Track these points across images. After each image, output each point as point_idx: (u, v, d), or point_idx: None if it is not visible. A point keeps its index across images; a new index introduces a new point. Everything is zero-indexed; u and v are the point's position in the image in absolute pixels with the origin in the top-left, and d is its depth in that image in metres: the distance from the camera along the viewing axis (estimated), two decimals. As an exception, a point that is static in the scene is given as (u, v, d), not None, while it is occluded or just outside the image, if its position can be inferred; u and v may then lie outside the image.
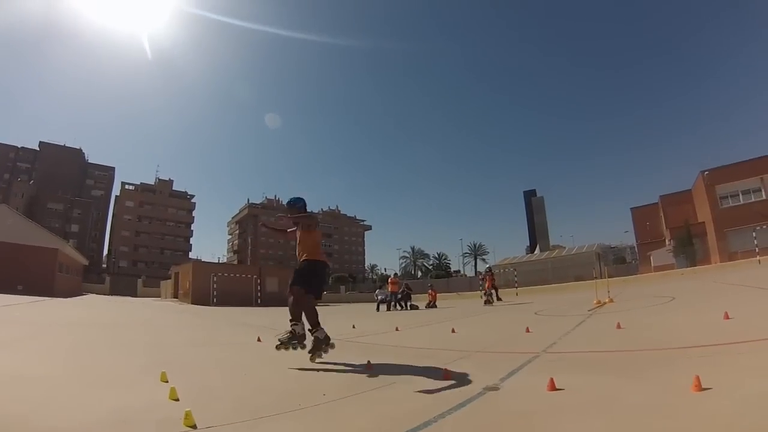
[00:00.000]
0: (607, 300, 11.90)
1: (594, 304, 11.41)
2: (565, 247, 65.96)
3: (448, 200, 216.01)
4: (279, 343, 5.22)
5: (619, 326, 6.08)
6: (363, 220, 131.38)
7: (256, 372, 4.92)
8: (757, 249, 29.22)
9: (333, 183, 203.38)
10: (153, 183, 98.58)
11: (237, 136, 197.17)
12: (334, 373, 4.51)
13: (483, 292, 21.74)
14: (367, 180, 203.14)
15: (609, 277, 20.66)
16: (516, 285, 34.36)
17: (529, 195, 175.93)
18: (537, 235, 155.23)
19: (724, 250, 38.09)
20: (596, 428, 2.32)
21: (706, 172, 41.12)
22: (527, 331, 6.99)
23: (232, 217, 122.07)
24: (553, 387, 3.01)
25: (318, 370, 4.67)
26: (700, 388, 2.60)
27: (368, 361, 4.61)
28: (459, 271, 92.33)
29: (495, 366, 3.28)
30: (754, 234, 30.62)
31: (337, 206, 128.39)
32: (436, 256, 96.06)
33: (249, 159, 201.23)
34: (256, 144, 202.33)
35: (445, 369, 3.80)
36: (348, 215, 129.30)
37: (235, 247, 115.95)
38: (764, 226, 33.57)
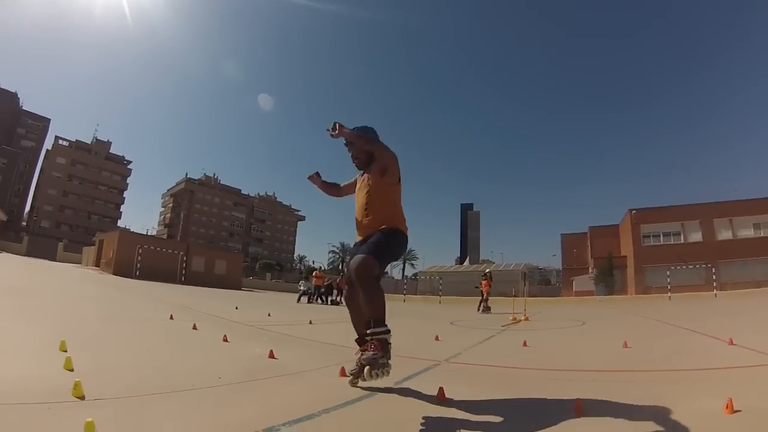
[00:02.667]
0: (523, 318, 12.08)
1: (510, 321, 11.61)
2: (494, 263, 67.90)
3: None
4: (369, 368, 3.01)
5: (525, 344, 6.15)
6: (298, 210, 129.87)
7: (158, 350, 4.79)
8: (669, 286, 31.67)
9: (275, 171, 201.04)
10: (89, 142, 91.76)
11: (185, 109, 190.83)
12: (236, 358, 4.46)
13: (481, 298, 18.16)
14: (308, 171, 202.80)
15: (531, 297, 21.17)
16: (440, 293, 36.06)
17: (466, 208, 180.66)
18: (469, 248, 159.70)
19: (641, 284, 41.12)
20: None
21: (633, 211, 44.34)
22: (436, 339, 7.01)
23: (168, 190, 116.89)
24: (442, 396, 2.97)
25: (221, 354, 4.66)
26: (581, 412, 2.61)
27: (271, 350, 4.54)
28: (387, 273, 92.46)
29: (394, 369, 3.28)
30: (668, 273, 33.04)
31: (274, 193, 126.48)
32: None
33: (194, 134, 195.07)
34: (204, 120, 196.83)
35: (343, 367, 3.74)
36: (284, 203, 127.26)
37: (167, 221, 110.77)
38: (678, 267, 36.37)
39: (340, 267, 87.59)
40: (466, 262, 74.93)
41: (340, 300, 23.31)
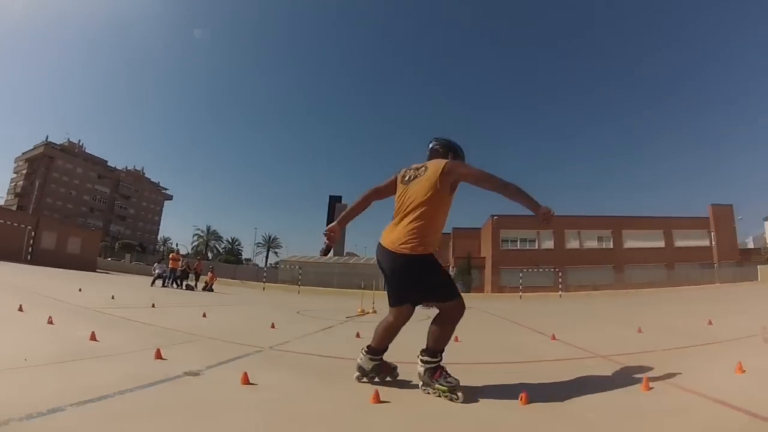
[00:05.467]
0: (370, 310, 12.07)
1: (357, 312, 11.62)
2: (356, 256, 69.55)
3: (259, 189, 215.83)
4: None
5: (358, 335, 5.98)
6: (166, 189, 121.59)
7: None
8: (521, 286, 35.98)
9: (147, 143, 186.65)
10: None
11: (52, 61, 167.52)
12: (54, 341, 4.25)
13: None
14: (183, 149, 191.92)
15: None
16: (299, 283, 35.74)
17: (334, 201, 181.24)
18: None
19: (496, 283, 45.07)
20: (256, 421, 2.32)
21: (495, 217, 48.11)
22: (272, 327, 6.84)
23: (23, 153, 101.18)
24: (246, 381, 3.00)
25: (39, 337, 4.46)
26: (378, 401, 2.67)
27: (92, 332, 4.38)
28: (250, 260, 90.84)
29: (212, 354, 3.54)
30: (521, 274, 37.19)
31: (143, 168, 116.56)
32: (230, 240, 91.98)
33: (61, 92, 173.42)
34: (74, 78, 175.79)
35: (159, 349, 3.72)
36: (152, 180, 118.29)
37: (18, 189, 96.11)
38: (530, 270, 40.93)
39: (204, 251, 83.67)
40: (331, 253, 75.37)
41: (196, 285, 22.05)
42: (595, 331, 7.89)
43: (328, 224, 3.53)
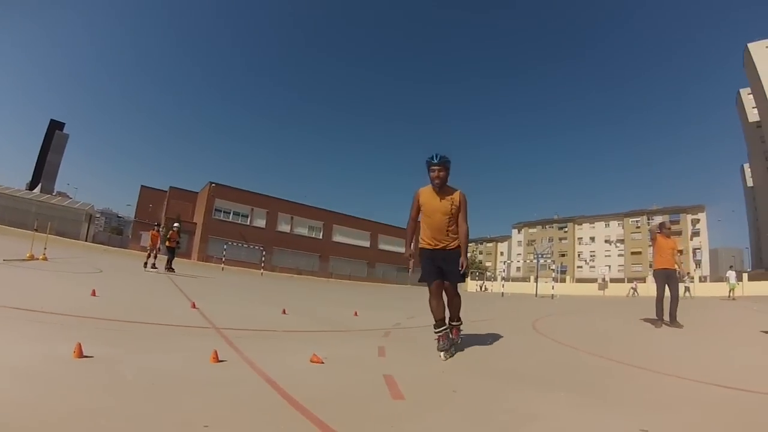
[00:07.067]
0: (41, 257, 11.61)
1: (26, 257, 11.17)
2: (68, 197, 60.42)
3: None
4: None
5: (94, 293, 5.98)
6: None
7: None
8: (224, 258, 36.44)
9: None
10: None
11: None
12: None
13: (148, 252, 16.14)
14: None
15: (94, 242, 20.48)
16: None
17: (55, 127, 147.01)
18: (44, 175, 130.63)
19: (203, 252, 43.84)
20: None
21: (213, 185, 47.26)
22: None
23: None
24: None
25: None
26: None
27: None
28: None
29: None
30: (225, 247, 37.77)
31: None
32: None
33: None
34: None
35: None
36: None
37: None
38: (238, 244, 42.47)
39: None
40: (37, 190, 62.96)
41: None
42: (242, 307, 8.18)
43: (41, 153, 3.34)
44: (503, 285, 36.57)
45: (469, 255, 4.49)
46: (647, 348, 5.86)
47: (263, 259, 38.85)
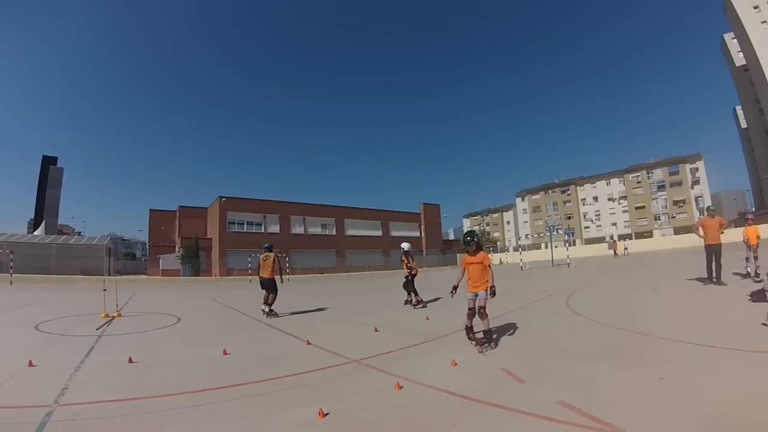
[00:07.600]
0: (115, 314, 10.87)
1: (102, 318, 10.31)
2: (73, 229, 61.01)
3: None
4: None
5: (131, 360, 5.62)
6: None
7: None
8: (250, 270, 36.03)
9: None
10: None
11: None
12: None
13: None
14: None
15: (117, 275, 19.44)
16: (11, 272, 27.23)
17: (48, 162, 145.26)
18: (46, 211, 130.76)
19: (224, 266, 44.88)
20: None
21: (224, 198, 48.13)
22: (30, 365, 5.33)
23: None
24: None
25: None
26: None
27: None
28: None
29: None
30: (249, 258, 37.25)
31: None
32: None
33: None
34: None
35: None
36: None
37: None
38: (255, 254, 41.04)
39: None
40: (41, 229, 62.40)
41: None
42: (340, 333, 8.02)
43: (39, 190, 4.30)
44: (521, 258, 36.32)
45: (479, 228, 6.16)
46: (667, 319, 7.22)
47: (288, 264, 38.19)
